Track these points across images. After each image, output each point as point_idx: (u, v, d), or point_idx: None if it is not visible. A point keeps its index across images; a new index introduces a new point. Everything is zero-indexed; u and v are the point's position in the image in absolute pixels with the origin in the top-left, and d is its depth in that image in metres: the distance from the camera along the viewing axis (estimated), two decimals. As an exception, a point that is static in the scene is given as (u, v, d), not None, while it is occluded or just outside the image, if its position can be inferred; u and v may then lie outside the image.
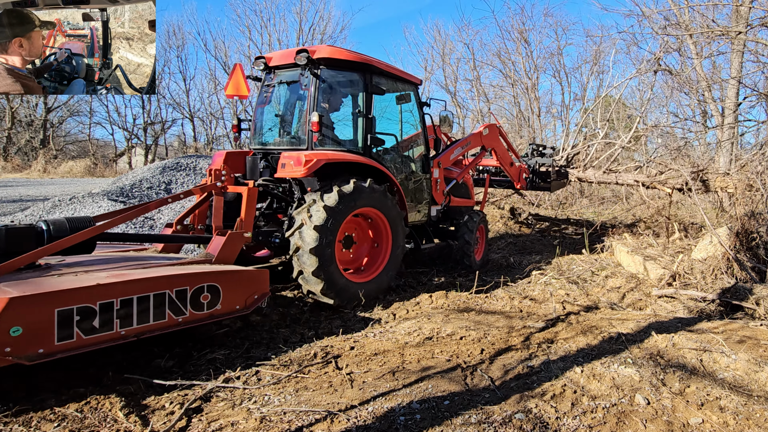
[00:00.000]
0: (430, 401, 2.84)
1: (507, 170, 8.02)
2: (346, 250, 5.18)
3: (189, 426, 2.63)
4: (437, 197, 6.36)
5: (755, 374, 3.19)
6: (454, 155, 6.83)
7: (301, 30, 26.42)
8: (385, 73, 5.55)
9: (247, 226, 4.46)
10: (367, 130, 5.27)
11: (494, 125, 7.65)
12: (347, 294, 4.81)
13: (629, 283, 6.18)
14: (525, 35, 20.97)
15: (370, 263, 5.36)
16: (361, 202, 4.87)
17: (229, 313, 3.59)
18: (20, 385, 3.05)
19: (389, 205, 5.21)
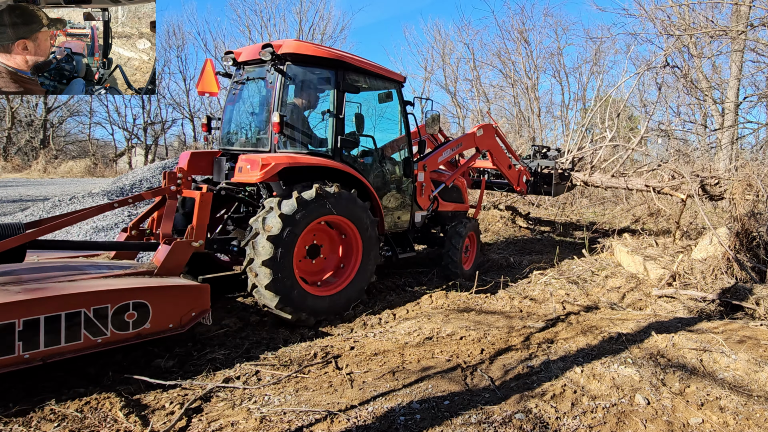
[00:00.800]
0: (430, 401, 2.84)
1: (505, 173, 7.64)
2: (310, 261, 4.74)
3: (189, 426, 2.63)
4: (422, 202, 5.98)
5: (755, 374, 3.19)
6: (442, 157, 6.43)
7: (301, 30, 26.45)
8: (360, 70, 5.15)
9: (199, 234, 4.07)
10: (337, 131, 4.86)
11: (490, 125, 7.29)
12: (307, 308, 4.40)
13: (629, 283, 6.18)
14: (525, 35, 20.98)
15: (338, 275, 4.93)
16: (325, 209, 4.48)
17: (160, 332, 3.31)
18: (20, 385, 3.05)
19: (359, 213, 4.80)
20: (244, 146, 5.10)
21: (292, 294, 4.28)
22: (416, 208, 5.95)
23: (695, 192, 6.92)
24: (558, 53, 21.79)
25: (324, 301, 4.60)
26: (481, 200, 7.93)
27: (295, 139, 4.79)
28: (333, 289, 4.77)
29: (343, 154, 4.96)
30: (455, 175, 6.69)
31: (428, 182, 6.08)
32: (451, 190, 6.83)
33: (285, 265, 4.22)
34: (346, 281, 4.85)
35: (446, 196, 6.69)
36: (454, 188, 6.93)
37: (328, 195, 4.50)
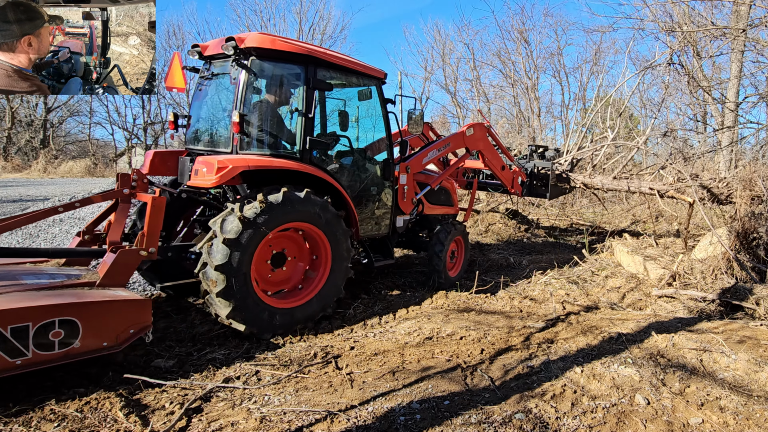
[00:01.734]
0: (430, 401, 2.84)
1: (498, 174, 7.26)
2: (275, 270, 4.41)
3: (189, 426, 2.63)
4: (404, 206, 5.62)
5: (755, 374, 3.19)
6: (427, 158, 6.07)
7: (301, 30, 26.42)
8: (333, 65, 4.77)
9: (151, 241, 3.78)
10: (306, 132, 4.50)
11: (481, 125, 6.90)
12: (264, 320, 4.05)
13: (629, 283, 6.18)
14: (525, 35, 20.99)
15: (305, 285, 4.56)
16: (290, 215, 4.16)
17: (93, 351, 3.03)
18: (20, 385, 3.04)
19: (329, 219, 4.44)
20: (208, 146, 4.78)
21: (246, 303, 3.93)
22: (398, 212, 5.61)
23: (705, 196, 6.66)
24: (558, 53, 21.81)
25: (285, 313, 4.20)
26: (472, 203, 7.57)
27: (259, 140, 4.45)
28: (298, 300, 4.39)
29: (313, 155, 4.63)
30: (441, 178, 6.36)
31: (411, 185, 5.73)
32: (439, 193, 6.51)
33: (241, 271, 3.89)
34: (313, 292, 4.47)
35: (433, 199, 6.38)
36: (442, 190, 6.61)
37: (295, 200, 4.17)
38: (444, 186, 6.61)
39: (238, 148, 4.33)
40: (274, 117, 4.63)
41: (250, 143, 4.40)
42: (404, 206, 5.64)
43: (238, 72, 4.35)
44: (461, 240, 6.51)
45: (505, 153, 7.48)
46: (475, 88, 23.35)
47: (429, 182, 6.14)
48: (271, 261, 4.36)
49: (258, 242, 4.00)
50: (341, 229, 4.59)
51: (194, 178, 4.18)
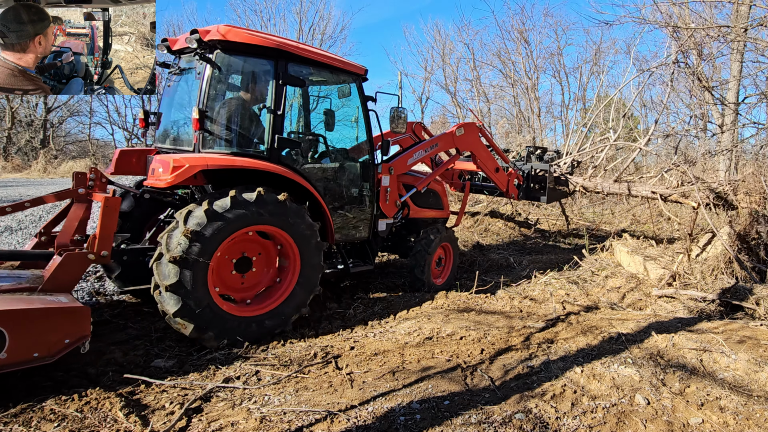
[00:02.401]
0: (430, 401, 2.84)
1: (492, 177, 6.95)
2: (237, 274, 4.12)
3: (189, 426, 2.63)
4: (387, 209, 5.35)
5: (755, 374, 3.19)
6: (413, 159, 5.76)
7: (301, 30, 26.42)
8: (307, 60, 4.51)
9: (104, 244, 3.56)
10: (275, 130, 4.24)
11: (473, 124, 6.61)
12: (218, 328, 3.77)
13: (629, 283, 6.19)
14: (525, 35, 20.99)
15: (273, 292, 4.27)
16: (253, 218, 3.90)
17: (22, 362, 2.81)
18: (20, 385, 3.05)
19: (296, 223, 4.17)
20: (175, 144, 4.56)
21: (198, 304, 3.67)
22: (380, 215, 5.33)
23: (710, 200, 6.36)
24: (558, 53, 21.81)
25: (240, 322, 3.93)
26: (464, 206, 7.24)
27: (223, 138, 4.23)
28: (264, 307, 4.14)
29: (282, 155, 4.38)
30: (428, 179, 6.06)
31: (395, 187, 5.45)
32: (427, 195, 6.24)
33: (197, 272, 3.65)
34: (278, 300, 4.20)
35: (420, 202, 6.11)
36: (431, 193, 6.33)
37: (258, 202, 3.89)
38: (433, 188, 6.36)
39: (200, 147, 4.11)
40: (241, 114, 4.38)
41: (213, 141, 4.17)
42: (387, 209, 5.38)
43: (202, 66, 4.17)
44: (449, 246, 6.22)
45: (499, 154, 7.27)
46: (475, 88, 23.35)
47: (416, 184, 5.88)
48: (236, 266, 4.10)
49: (217, 244, 3.75)
50: (310, 230, 4.28)
51: (150, 178, 4.01)
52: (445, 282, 6.17)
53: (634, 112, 20.43)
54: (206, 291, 3.71)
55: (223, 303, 3.89)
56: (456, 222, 7.08)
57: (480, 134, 6.67)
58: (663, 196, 7.04)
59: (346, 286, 5.98)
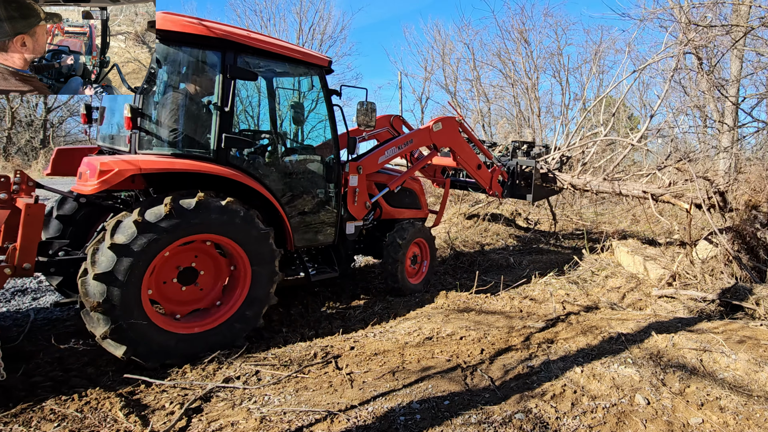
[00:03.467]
0: (430, 401, 2.84)
1: (473, 174, 6.58)
2: (180, 287, 3.72)
3: (189, 426, 2.63)
4: (355, 211, 5.05)
5: (755, 374, 3.19)
6: (385, 156, 5.39)
7: (301, 30, 26.41)
8: (260, 51, 4.13)
9: (25, 255, 3.23)
10: (222, 128, 3.87)
11: (452, 119, 6.18)
12: (155, 347, 3.39)
13: (629, 283, 6.19)
14: (525, 35, 20.99)
15: (220, 306, 3.89)
16: (192, 227, 3.51)
17: None
18: (20, 385, 3.05)
19: (244, 230, 3.80)
20: (114, 143, 4.16)
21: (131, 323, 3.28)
22: (348, 217, 5.03)
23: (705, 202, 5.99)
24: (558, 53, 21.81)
25: (182, 339, 3.55)
26: (444, 204, 6.86)
27: (162, 138, 3.82)
28: (210, 323, 3.76)
29: (232, 156, 4.01)
30: (402, 178, 5.72)
31: (364, 187, 5.12)
32: (402, 195, 5.92)
33: (128, 288, 3.25)
34: (229, 313, 3.84)
35: (395, 202, 5.81)
36: (406, 192, 6.00)
37: (187, 211, 3.47)
38: (409, 187, 6.02)
39: (136, 147, 3.74)
40: (184, 111, 3.97)
41: (151, 141, 3.79)
42: (355, 211, 5.07)
43: None
44: (425, 243, 5.91)
45: (481, 150, 6.92)
46: (475, 88, 23.34)
47: (389, 183, 5.54)
48: (179, 278, 3.71)
49: (152, 256, 3.36)
50: (261, 237, 3.91)
51: (78, 182, 3.63)
52: (423, 280, 5.91)
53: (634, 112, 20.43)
54: (140, 309, 3.33)
55: (162, 320, 3.52)
56: (435, 222, 6.77)
57: (460, 129, 6.31)
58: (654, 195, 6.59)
59: (346, 286, 5.98)
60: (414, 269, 5.86)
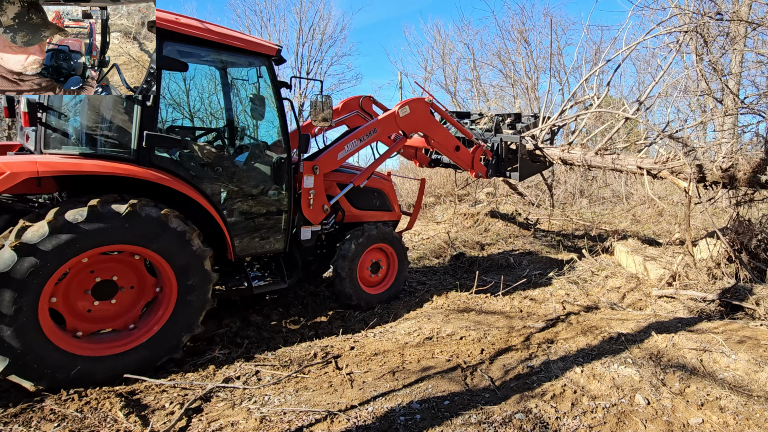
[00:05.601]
0: (430, 401, 2.84)
1: (452, 157, 6.05)
2: (91, 303, 3.30)
3: (189, 426, 2.63)
4: (311, 214, 4.56)
5: (755, 374, 3.19)
6: (345, 152, 4.84)
7: (301, 30, 26.39)
8: (192, 39, 3.70)
9: None
10: (144, 125, 3.47)
11: (420, 100, 5.55)
12: (40, 365, 2.97)
13: (629, 283, 6.19)
14: (525, 35, 20.99)
15: (138, 326, 3.46)
16: (101, 237, 3.10)
17: None
18: (20, 385, 3.05)
19: (169, 240, 3.36)
20: (29, 142, 3.82)
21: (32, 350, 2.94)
22: (302, 221, 4.56)
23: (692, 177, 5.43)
24: (558, 53, 21.81)
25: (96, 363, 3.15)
26: (419, 204, 6.18)
27: (71, 136, 3.48)
28: (122, 345, 3.30)
29: (156, 156, 3.60)
30: (365, 174, 5.14)
31: (321, 188, 4.63)
32: (369, 195, 5.39)
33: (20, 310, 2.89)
34: (149, 333, 3.41)
35: (361, 203, 5.29)
36: (373, 192, 5.46)
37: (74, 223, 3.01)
38: (377, 187, 5.49)
39: (42, 146, 3.41)
40: (98, 106, 3.56)
41: (59, 140, 3.46)
42: (311, 215, 4.59)
43: None
44: (390, 248, 5.27)
45: (459, 129, 6.38)
46: (475, 88, 23.36)
47: (352, 181, 5.02)
48: (94, 290, 3.30)
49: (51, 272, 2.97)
50: (187, 248, 3.47)
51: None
52: (388, 290, 5.26)
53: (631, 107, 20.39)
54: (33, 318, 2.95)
55: (59, 336, 3.10)
56: (409, 224, 6.14)
57: (432, 110, 5.71)
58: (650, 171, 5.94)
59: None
60: (376, 278, 5.23)
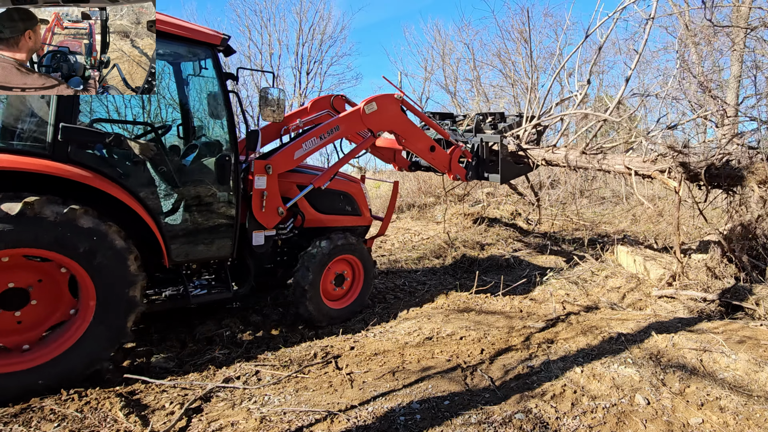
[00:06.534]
0: (430, 401, 2.84)
1: (427, 158, 5.65)
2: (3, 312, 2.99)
3: (189, 426, 2.63)
4: (264, 218, 4.20)
5: (755, 374, 3.19)
6: (303, 150, 4.47)
7: (301, 30, 26.42)
8: None
9: None
10: (60, 116, 3.19)
11: (389, 96, 5.09)
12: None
13: (629, 283, 6.18)
14: (525, 35, 20.99)
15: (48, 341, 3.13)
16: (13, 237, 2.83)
17: None
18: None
19: (80, 240, 3.06)
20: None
21: None
22: (254, 226, 4.19)
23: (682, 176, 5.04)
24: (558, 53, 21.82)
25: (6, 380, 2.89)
26: (392, 207, 5.70)
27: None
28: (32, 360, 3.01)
29: (74, 150, 3.26)
30: (326, 175, 4.71)
31: (275, 189, 4.27)
32: (334, 198, 4.99)
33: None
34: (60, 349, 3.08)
35: (324, 206, 4.89)
36: (339, 195, 5.05)
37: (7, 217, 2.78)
38: (343, 189, 5.09)
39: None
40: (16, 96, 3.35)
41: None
42: (264, 218, 4.22)
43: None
44: (356, 260, 4.86)
45: (434, 128, 6.02)
46: (475, 88, 23.36)
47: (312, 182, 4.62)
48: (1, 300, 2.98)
49: None
50: (111, 250, 3.17)
51: None
52: (351, 306, 4.87)
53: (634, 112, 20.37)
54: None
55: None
56: (380, 230, 5.66)
57: (402, 107, 5.24)
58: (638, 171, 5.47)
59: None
60: (339, 291, 4.84)
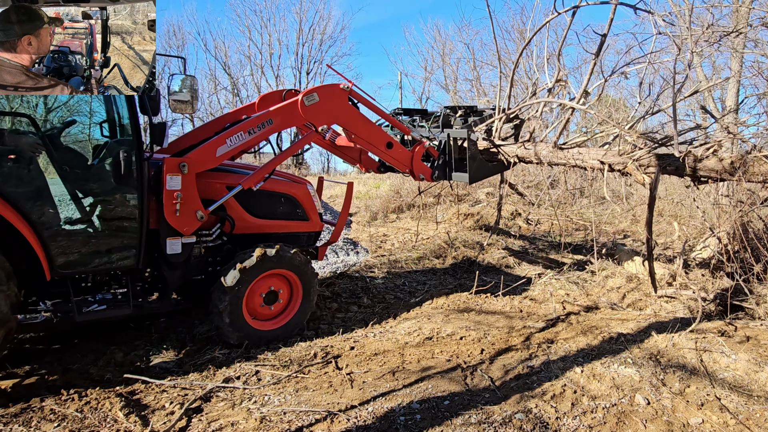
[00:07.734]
0: (430, 401, 2.84)
1: (384, 156, 4.99)
2: None
3: (189, 426, 2.63)
4: (180, 223, 3.69)
5: (755, 374, 3.19)
6: (227, 147, 3.93)
7: (301, 30, 26.46)
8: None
9: None
10: None
11: (334, 86, 4.47)
12: None
13: (629, 283, 6.18)
14: (525, 35, 21.00)
15: None
16: None
17: None
18: (20, 385, 3.05)
19: None
20: None
21: None
22: (167, 232, 3.70)
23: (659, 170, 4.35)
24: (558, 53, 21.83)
25: None
26: (345, 211, 5.06)
27: None
28: None
29: None
30: (260, 175, 4.12)
31: (193, 191, 3.75)
32: (272, 201, 4.42)
33: None
34: None
35: (261, 210, 4.32)
36: (279, 197, 4.45)
37: None
38: (286, 192, 4.49)
39: None
40: None
41: None
42: (179, 223, 3.69)
43: None
44: (293, 276, 4.18)
45: (392, 122, 5.41)
46: (475, 88, 23.37)
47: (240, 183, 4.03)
48: None
49: None
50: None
51: None
52: (285, 326, 4.17)
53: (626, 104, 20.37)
54: None
55: None
56: (333, 236, 4.98)
57: (350, 99, 4.60)
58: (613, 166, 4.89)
59: (345, 287, 5.97)
60: (270, 310, 4.15)
